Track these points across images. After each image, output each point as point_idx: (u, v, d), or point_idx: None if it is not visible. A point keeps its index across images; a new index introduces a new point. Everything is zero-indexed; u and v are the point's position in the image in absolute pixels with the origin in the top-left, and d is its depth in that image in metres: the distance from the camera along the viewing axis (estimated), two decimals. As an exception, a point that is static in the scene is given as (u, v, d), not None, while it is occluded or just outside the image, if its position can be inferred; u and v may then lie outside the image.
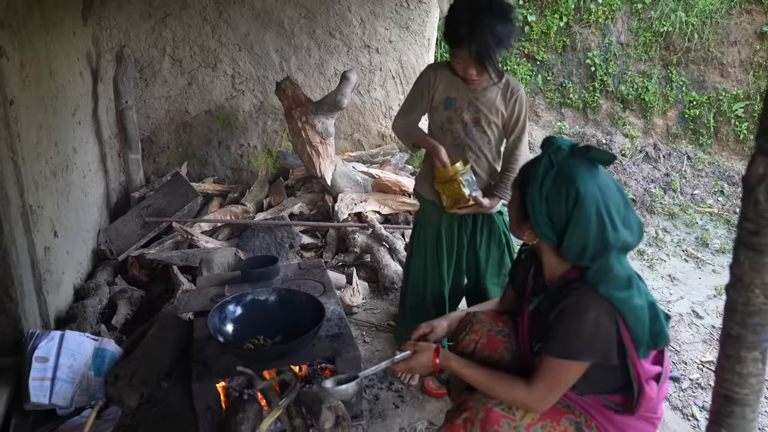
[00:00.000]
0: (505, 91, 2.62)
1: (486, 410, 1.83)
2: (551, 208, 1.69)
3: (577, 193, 1.65)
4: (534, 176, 1.72)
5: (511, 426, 1.81)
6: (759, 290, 1.09)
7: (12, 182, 2.61)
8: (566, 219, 1.68)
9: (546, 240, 1.76)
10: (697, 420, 2.98)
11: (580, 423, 1.85)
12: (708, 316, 3.94)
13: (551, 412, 1.84)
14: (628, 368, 1.75)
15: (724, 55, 6.35)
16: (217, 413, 2.33)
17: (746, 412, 1.20)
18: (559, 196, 1.67)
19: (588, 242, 1.66)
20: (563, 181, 1.67)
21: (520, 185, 1.79)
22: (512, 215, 1.87)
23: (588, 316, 1.66)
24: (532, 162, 1.78)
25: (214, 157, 5.10)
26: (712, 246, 4.97)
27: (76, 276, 3.58)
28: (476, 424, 1.84)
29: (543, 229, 1.73)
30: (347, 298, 3.46)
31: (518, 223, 1.83)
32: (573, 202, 1.66)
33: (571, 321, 1.68)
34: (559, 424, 1.84)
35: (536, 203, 1.71)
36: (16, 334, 2.66)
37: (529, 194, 1.72)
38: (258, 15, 4.76)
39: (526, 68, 6.77)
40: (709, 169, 6.09)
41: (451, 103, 2.63)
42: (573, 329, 1.68)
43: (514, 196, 1.85)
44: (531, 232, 1.80)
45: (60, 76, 3.48)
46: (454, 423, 1.90)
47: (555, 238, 1.72)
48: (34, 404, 2.46)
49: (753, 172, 1.04)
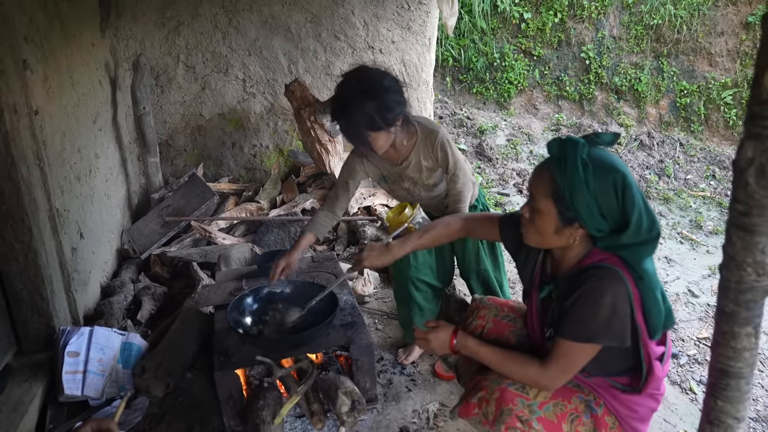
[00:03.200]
0: (424, 146, 2.57)
1: (501, 390, 1.83)
2: (601, 202, 1.61)
3: (623, 178, 1.60)
4: (575, 180, 1.60)
5: (525, 404, 1.80)
6: (751, 269, 1.09)
7: (39, 187, 2.63)
8: (620, 205, 1.61)
9: (599, 234, 1.66)
10: (695, 393, 2.98)
11: (589, 401, 1.85)
12: (703, 295, 3.93)
13: (562, 391, 1.84)
14: (639, 350, 1.73)
15: (712, 45, 6.31)
16: (238, 401, 2.34)
17: (741, 384, 1.21)
18: (607, 188, 1.60)
19: (642, 217, 1.61)
20: (605, 172, 1.60)
21: (554, 198, 1.66)
22: (546, 228, 1.72)
23: (605, 300, 1.62)
24: (561, 171, 1.64)
25: (228, 158, 5.11)
26: (706, 228, 4.96)
27: (102, 275, 3.60)
28: (491, 403, 1.84)
29: (597, 224, 1.64)
30: (359, 288, 3.46)
31: (557, 231, 1.70)
32: (621, 187, 1.60)
33: (587, 305, 1.65)
34: (570, 402, 1.84)
35: (587, 203, 1.61)
36: (49, 331, 2.69)
37: (576, 199, 1.61)
38: (266, 21, 4.76)
39: (524, 63, 6.75)
40: (700, 155, 6.06)
41: (386, 179, 2.69)
42: (589, 313, 1.64)
43: (545, 210, 1.70)
44: (575, 233, 1.69)
45: (81, 86, 3.50)
46: (470, 402, 1.90)
47: (608, 228, 1.65)
48: (67, 396, 2.48)
49: (742, 156, 1.04)
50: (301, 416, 2.42)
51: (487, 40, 6.81)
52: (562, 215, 1.66)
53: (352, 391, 2.25)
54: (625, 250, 1.65)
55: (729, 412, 1.23)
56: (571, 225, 1.67)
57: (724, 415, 1.24)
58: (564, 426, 1.82)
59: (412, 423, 2.44)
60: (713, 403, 1.25)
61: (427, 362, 2.84)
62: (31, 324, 2.67)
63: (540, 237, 1.76)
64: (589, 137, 1.66)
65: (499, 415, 1.81)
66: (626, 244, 1.63)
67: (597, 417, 1.84)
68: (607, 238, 1.66)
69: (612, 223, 1.64)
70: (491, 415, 1.84)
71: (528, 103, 6.83)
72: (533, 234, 1.77)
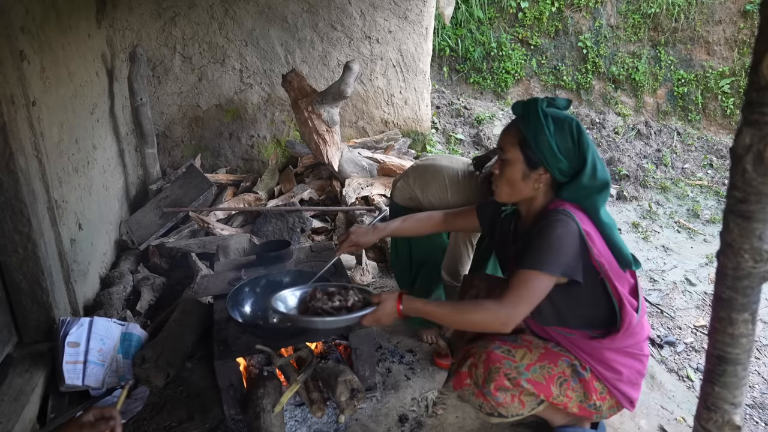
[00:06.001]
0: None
1: (488, 353, 1.92)
2: (560, 144, 1.82)
3: (577, 125, 1.85)
4: (537, 127, 1.82)
5: (512, 366, 1.89)
6: (748, 255, 1.10)
7: (37, 179, 2.63)
8: (576, 147, 1.83)
9: (560, 175, 1.86)
10: (692, 381, 3.00)
11: (575, 366, 1.93)
12: (700, 283, 3.95)
13: (548, 354, 1.92)
14: (606, 287, 1.85)
15: (710, 34, 6.29)
16: (239, 390, 2.35)
17: (738, 370, 1.22)
18: (564, 133, 1.83)
19: (596, 160, 1.85)
20: (562, 120, 1.84)
21: (520, 145, 1.87)
22: (514, 175, 1.90)
23: (554, 232, 1.77)
24: (525, 121, 1.86)
25: (225, 149, 5.10)
26: (703, 217, 4.97)
27: (101, 266, 3.61)
28: (480, 366, 1.92)
29: (559, 164, 1.84)
30: (357, 278, 3.47)
31: (524, 176, 1.89)
32: (576, 132, 1.84)
33: (539, 238, 1.80)
34: (557, 366, 1.92)
35: (549, 144, 1.82)
36: (49, 322, 2.69)
37: (540, 142, 1.82)
38: (262, 11, 4.74)
39: (521, 53, 6.73)
40: (698, 144, 6.06)
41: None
42: (539, 244, 1.79)
43: (513, 158, 1.89)
44: (539, 177, 1.87)
45: (78, 77, 3.48)
46: (461, 372, 1.97)
47: (568, 168, 1.84)
48: (68, 386, 2.49)
49: (740, 143, 1.04)
50: (301, 404, 2.43)
51: (484, 30, 6.79)
52: (528, 159, 1.87)
53: (352, 379, 2.26)
54: (584, 200, 1.85)
55: (726, 398, 1.24)
56: (536, 169, 1.87)
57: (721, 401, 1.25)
58: (553, 388, 1.88)
59: (411, 411, 2.45)
60: (710, 389, 1.26)
61: (426, 351, 2.86)
62: (31, 315, 2.67)
63: (509, 188, 1.93)
64: (546, 99, 1.90)
65: (488, 375, 1.87)
66: (585, 187, 1.83)
67: (585, 381, 1.91)
68: (569, 186, 1.85)
69: (571, 163, 1.84)
70: (481, 378, 1.90)
71: (525, 92, 6.82)
72: (503, 186, 1.94)
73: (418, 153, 5.10)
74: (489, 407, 1.95)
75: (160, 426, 2.41)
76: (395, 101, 5.21)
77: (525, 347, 1.96)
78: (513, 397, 1.90)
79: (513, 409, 1.93)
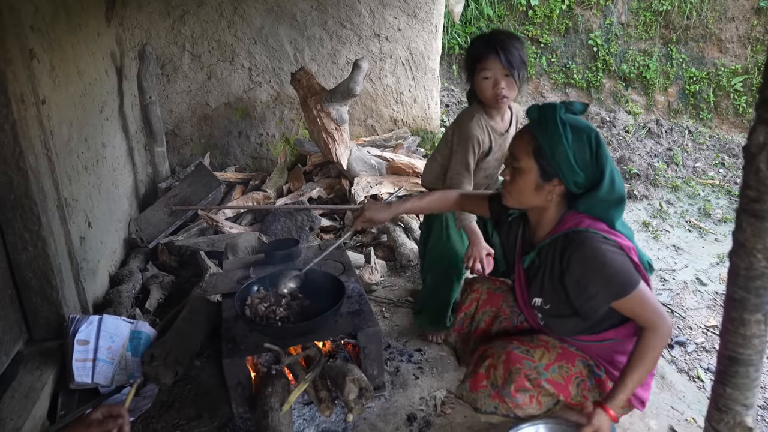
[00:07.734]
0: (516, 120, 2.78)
1: (507, 353, 1.90)
2: (578, 156, 1.75)
3: (596, 136, 1.76)
4: (555, 135, 1.74)
5: (532, 366, 1.88)
6: (761, 255, 1.09)
7: (47, 177, 2.64)
8: (595, 159, 1.76)
9: (575, 188, 1.79)
10: (702, 381, 2.98)
11: (591, 366, 1.93)
12: (711, 283, 3.92)
13: (566, 354, 1.92)
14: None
15: (723, 31, 6.24)
16: (247, 388, 2.36)
17: (750, 371, 1.21)
18: (582, 144, 1.75)
19: (614, 173, 1.77)
20: (581, 130, 1.76)
21: (534, 154, 1.79)
22: (526, 185, 1.83)
23: (607, 259, 1.72)
24: (542, 129, 1.77)
25: (234, 147, 5.11)
26: (714, 216, 4.93)
27: (111, 264, 3.62)
28: (499, 368, 1.90)
29: (575, 177, 1.77)
30: (366, 277, 3.47)
31: (537, 187, 1.82)
32: (595, 143, 1.76)
33: (603, 269, 1.73)
34: (575, 366, 1.92)
35: (566, 155, 1.74)
36: (58, 320, 2.71)
37: (557, 153, 1.74)
38: (271, 9, 4.75)
39: (531, 51, 6.70)
40: (709, 143, 6.01)
41: (491, 150, 2.72)
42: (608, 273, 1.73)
43: (526, 168, 1.81)
44: (553, 189, 1.81)
45: (87, 76, 3.50)
46: (478, 373, 1.95)
47: (584, 181, 1.77)
48: (78, 384, 2.50)
49: (754, 141, 1.03)
50: (309, 403, 2.43)
51: (494, 28, 6.77)
52: (543, 170, 1.79)
53: (360, 378, 2.26)
54: (601, 213, 1.78)
55: (738, 399, 1.23)
56: (550, 181, 1.80)
57: (733, 402, 1.24)
58: (571, 388, 1.88)
59: (420, 410, 2.44)
60: (722, 390, 1.25)
61: (435, 350, 2.85)
62: (41, 312, 2.69)
63: (519, 196, 1.87)
64: (562, 103, 1.81)
65: (508, 376, 1.86)
66: (602, 200, 1.76)
67: (601, 381, 1.92)
68: (585, 199, 1.79)
69: (588, 176, 1.77)
70: (500, 379, 1.89)
71: (535, 91, 6.79)
72: (514, 194, 1.88)
73: (426, 151, 5.09)
74: (505, 408, 1.93)
75: (169, 424, 2.42)
76: (404, 99, 5.20)
77: (543, 347, 1.95)
78: (531, 398, 1.89)
79: (530, 410, 1.91)
